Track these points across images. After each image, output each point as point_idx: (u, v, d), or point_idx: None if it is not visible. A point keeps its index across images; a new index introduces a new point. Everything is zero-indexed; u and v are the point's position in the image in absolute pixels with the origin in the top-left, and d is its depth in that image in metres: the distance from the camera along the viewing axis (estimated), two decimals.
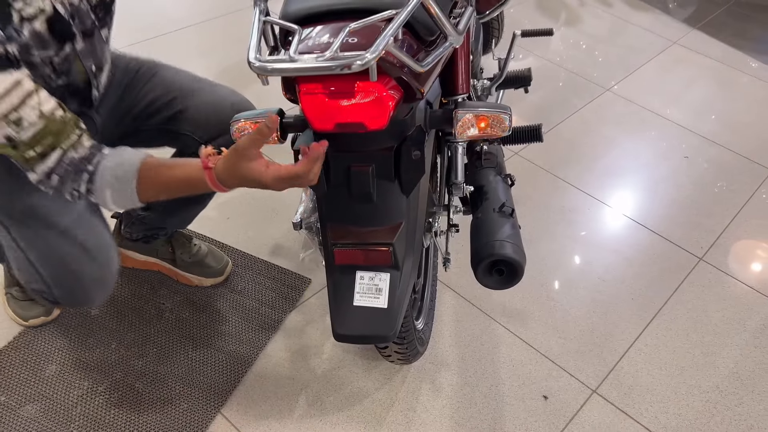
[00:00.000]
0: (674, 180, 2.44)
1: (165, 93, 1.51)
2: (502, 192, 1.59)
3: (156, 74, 1.53)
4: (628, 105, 2.82)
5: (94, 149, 1.12)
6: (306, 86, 0.99)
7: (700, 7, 3.64)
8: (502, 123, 1.15)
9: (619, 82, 2.95)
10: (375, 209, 1.15)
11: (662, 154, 2.57)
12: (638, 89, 2.92)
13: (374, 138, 1.10)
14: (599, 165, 2.48)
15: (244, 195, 2.19)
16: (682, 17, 3.52)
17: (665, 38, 3.34)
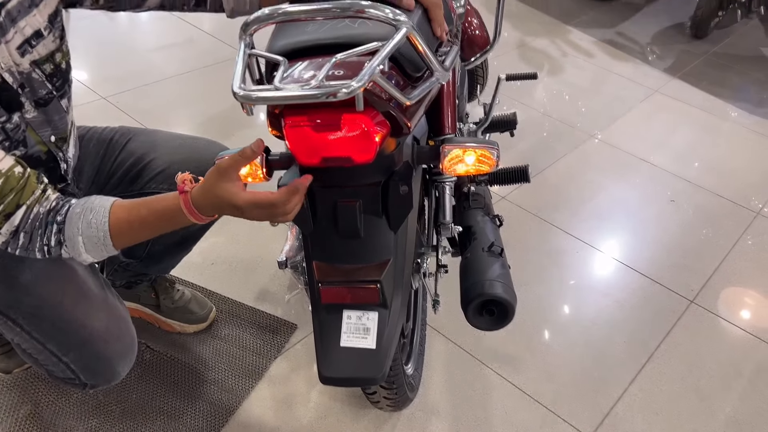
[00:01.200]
0: (661, 223, 2.43)
1: (143, 155, 1.49)
2: (491, 232, 1.58)
3: (131, 139, 1.51)
4: (613, 151, 2.85)
5: (60, 200, 1.07)
6: (291, 119, 0.98)
7: (678, 58, 3.72)
8: (489, 158, 1.14)
9: (603, 130, 2.98)
10: (362, 246, 1.13)
11: (648, 198, 2.58)
12: (622, 136, 2.95)
13: (361, 172, 1.08)
14: (586, 209, 2.48)
15: (230, 240, 2.16)
16: (661, 67, 3.60)
17: (647, 87, 3.40)
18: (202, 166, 1.48)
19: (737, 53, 3.84)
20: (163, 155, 1.48)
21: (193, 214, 1.04)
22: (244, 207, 0.99)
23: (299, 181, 1.01)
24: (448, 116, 1.42)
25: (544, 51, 3.67)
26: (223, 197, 1.00)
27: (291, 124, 0.98)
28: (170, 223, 1.07)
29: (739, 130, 3.11)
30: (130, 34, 3.49)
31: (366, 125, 0.98)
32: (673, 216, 2.48)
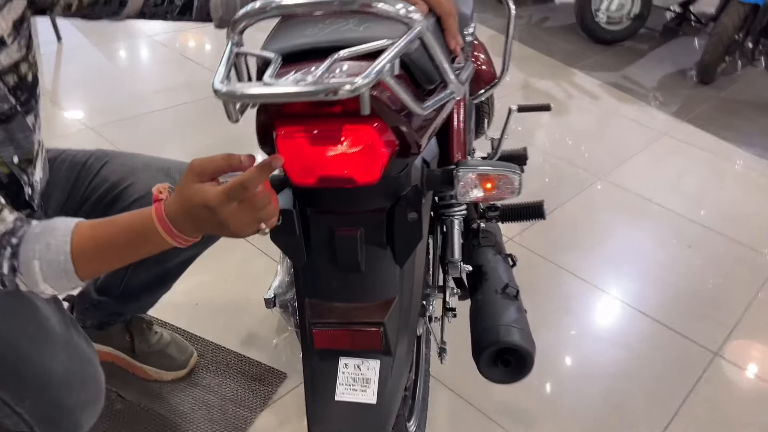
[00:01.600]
0: (677, 269, 2.29)
1: (120, 180, 1.34)
2: (504, 272, 1.43)
3: (108, 162, 1.37)
4: (624, 193, 2.72)
5: (19, 221, 0.92)
6: (284, 129, 0.84)
7: (685, 102, 3.64)
8: (511, 183, 1.00)
9: (611, 171, 2.86)
10: (363, 282, 0.98)
11: (662, 242, 2.44)
12: (632, 178, 2.82)
13: (364, 196, 0.94)
14: (598, 252, 2.33)
15: (216, 279, 2.00)
16: (669, 111, 3.50)
17: (655, 130, 3.29)
18: None
19: (744, 99, 3.76)
20: (143, 180, 1.34)
21: (167, 229, 0.87)
22: (216, 202, 0.82)
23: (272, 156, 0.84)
24: (459, 142, 1.29)
25: (548, 92, 3.58)
26: (193, 198, 0.84)
27: (283, 135, 0.84)
28: (142, 242, 0.91)
29: (751, 175, 3.00)
30: (127, 66, 3.39)
31: (371, 139, 0.84)
32: (689, 262, 2.34)
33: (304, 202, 0.96)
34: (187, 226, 0.87)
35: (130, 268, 1.45)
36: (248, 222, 0.85)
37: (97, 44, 3.56)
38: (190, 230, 0.87)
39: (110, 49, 3.54)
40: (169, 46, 3.59)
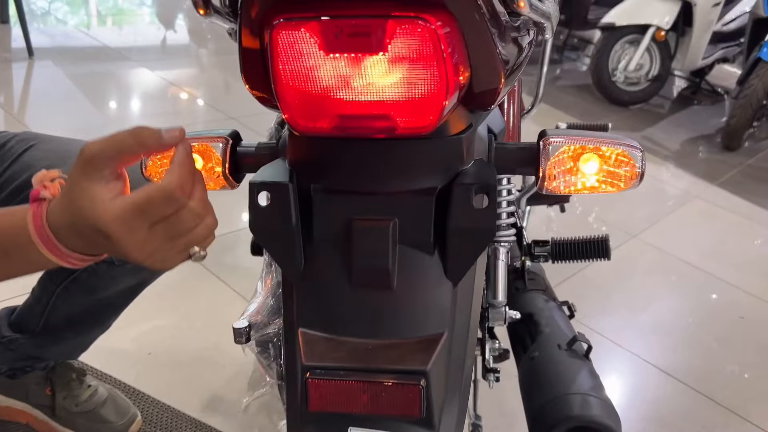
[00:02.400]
0: (733, 343, 1.92)
1: (47, 168, 0.98)
2: (564, 323, 1.06)
3: (34, 146, 1.02)
4: (661, 254, 2.37)
5: None
6: (285, 16, 0.49)
7: (712, 167, 3.36)
8: (630, 163, 0.64)
9: (644, 231, 2.53)
10: (394, 305, 0.61)
11: (710, 311, 2.09)
12: (668, 239, 2.49)
13: (404, 161, 0.58)
14: (641, 320, 1.97)
15: (177, 324, 1.60)
16: (697, 174, 3.22)
17: (684, 192, 3.00)
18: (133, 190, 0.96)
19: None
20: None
21: (48, 243, 0.54)
22: (113, 228, 0.51)
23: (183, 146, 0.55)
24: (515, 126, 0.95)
25: None
26: (82, 207, 0.51)
27: (282, 25, 0.49)
28: (11, 255, 0.56)
29: None
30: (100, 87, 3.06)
31: (436, 45, 0.49)
32: (745, 335, 1.98)
33: (305, 174, 0.61)
34: (77, 243, 0.54)
35: (53, 298, 1.07)
36: (170, 253, 0.55)
37: (72, 62, 3.26)
38: (82, 248, 0.55)
39: (84, 68, 3.23)
40: (157, 69, 3.28)
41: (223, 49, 4.05)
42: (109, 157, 0.52)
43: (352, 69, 0.51)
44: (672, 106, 4.37)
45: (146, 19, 4.37)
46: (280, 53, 0.50)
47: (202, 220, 0.55)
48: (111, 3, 4.50)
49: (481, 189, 0.59)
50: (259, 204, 0.59)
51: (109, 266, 0.99)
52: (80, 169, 0.51)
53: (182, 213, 0.53)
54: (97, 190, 0.51)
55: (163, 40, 3.98)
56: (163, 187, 0.51)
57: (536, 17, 0.59)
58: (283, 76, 0.51)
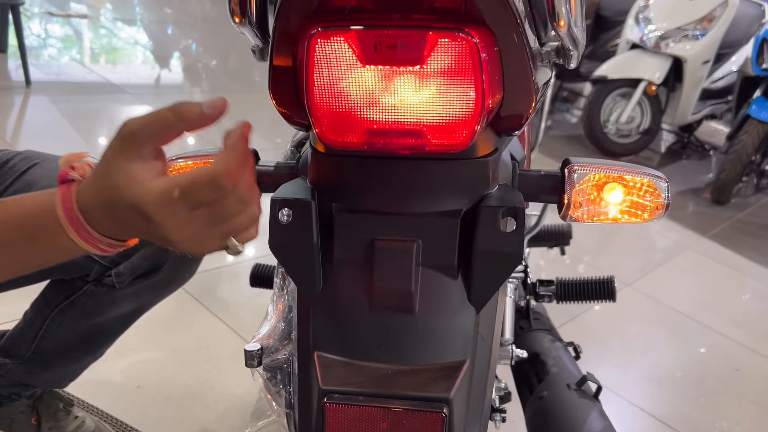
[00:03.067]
0: (729, 395, 1.90)
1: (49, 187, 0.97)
2: (571, 363, 1.04)
3: (37, 165, 1.00)
4: (656, 305, 2.36)
5: None
6: (323, 24, 0.49)
7: (703, 220, 3.39)
8: (655, 193, 0.64)
9: (638, 280, 2.52)
10: (415, 330, 0.59)
11: (706, 362, 2.07)
12: (662, 289, 2.48)
13: (432, 182, 0.57)
14: (638, 368, 1.95)
15: (168, 357, 1.56)
16: (688, 226, 3.23)
17: (676, 243, 3.01)
18: None
19: (763, 223, 3.53)
20: None
21: (77, 225, 0.52)
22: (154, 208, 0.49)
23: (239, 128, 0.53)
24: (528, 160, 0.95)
25: None
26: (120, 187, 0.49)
27: (320, 34, 0.48)
28: (39, 240, 0.54)
29: None
30: (97, 121, 3.05)
31: (475, 63, 0.49)
32: (742, 388, 1.95)
33: (328, 193, 0.59)
34: (109, 226, 0.52)
35: (47, 322, 1.03)
36: (208, 238, 0.53)
37: (69, 93, 3.25)
38: (114, 231, 0.53)
39: (82, 101, 3.22)
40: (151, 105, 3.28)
41: (218, 87, 4.08)
42: (150, 134, 0.50)
43: (388, 83, 0.50)
44: (661, 160, 4.43)
45: (141, 57, 4.39)
46: (316, 64, 0.49)
47: (246, 208, 0.53)
48: (106, 40, 4.54)
49: (508, 212, 0.58)
50: (280, 221, 0.58)
51: (108, 290, 0.96)
52: (118, 147, 0.50)
53: (227, 199, 0.51)
54: (137, 168, 0.49)
55: (158, 78, 4.00)
56: (211, 173, 0.49)
57: (568, 42, 0.59)
58: (317, 88, 0.51)
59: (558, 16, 0.52)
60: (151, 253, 0.95)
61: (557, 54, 0.68)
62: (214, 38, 5.21)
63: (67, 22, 4.57)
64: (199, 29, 5.47)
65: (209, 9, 6.11)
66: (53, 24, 4.46)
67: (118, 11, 5.23)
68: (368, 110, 0.51)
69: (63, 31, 4.44)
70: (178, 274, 1.02)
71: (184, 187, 0.48)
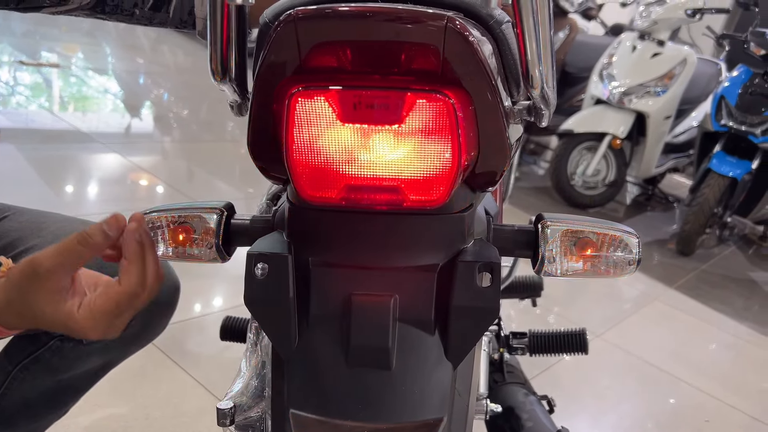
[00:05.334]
0: None
1: (20, 239, 0.96)
2: (545, 418, 1.04)
3: (8, 217, 1.01)
4: (625, 355, 2.38)
5: None
6: (305, 84, 0.49)
7: (669, 271, 3.44)
8: (627, 249, 0.65)
9: (608, 331, 2.54)
10: (393, 388, 0.58)
11: (677, 413, 2.09)
12: (632, 341, 2.50)
13: (408, 236, 0.58)
14: (610, 422, 1.94)
15: (134, 413, 1.51)
16: (654, 277, 3.28)
17: (644, 294, 3.05)
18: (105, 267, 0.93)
19: (726, 273, 3.60)
20: (49, 244, 0.93)
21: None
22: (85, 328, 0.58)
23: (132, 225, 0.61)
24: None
25: None
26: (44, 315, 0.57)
27: (302, 93, 0.49)
28: None
29: (754, 350, 2.72)
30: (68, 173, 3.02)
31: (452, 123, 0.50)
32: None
33: (304, 247, 0.59)
34: (15, 323, 0.59)
35: (9, 379, 1.00)
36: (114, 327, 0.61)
37: (38, 141, 3.22)
38: (18, 326, 0.60)
39: (50, 149, 3.19)
40: (121, 154, 3.26)
41: (189, 137, 4.08)
42: (64, 269, 0.56)
43: (367, 140, 0.51)
44: (627, 211, 4.52)
45: (111, 105, 4.39)
46: (296, 121, 0.50)
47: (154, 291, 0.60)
48: (76, 89, 4.53)
49: (484, 267, 0.58)
50: (256, 275, 0.58)
51: (74, 345, 0.94)
52: (31, 283, 0.55)
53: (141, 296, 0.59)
54: (60, 302, 0.56)
55: (128, 126, 3.99)
56: (126, 291, 0.58)
57: (540, 102, 0.61)
58: (296, 145, 0.51)
59: (532, 80, 0.54)
60: None
61: (529, 112, 0.70)
62: (186, 89, 5.23)
63: (38, 71, 4.56)
64: (172, 79, 5.49)
65: (182, 60, 6.16)
66: (23, 72, 4.44)
67: (90, 60, 5.24)
68: (347, 166, 0.52)
69: (33, 79, 4.41)
70: (148, 328, 1.00)
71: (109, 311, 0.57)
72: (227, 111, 0.70)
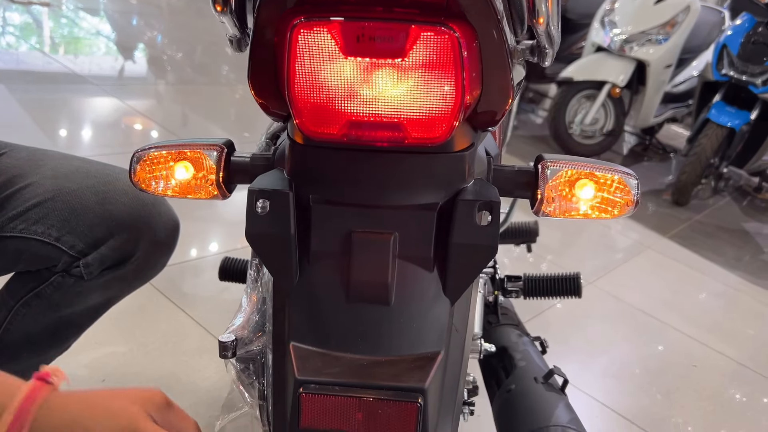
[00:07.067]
0: (687, 390, 1.95)
1: (18, 176, 0.96)
2: (538, 358, 1.07)
3: (5, 154, 0.99)
4: (618, 303, 2.41)
5: None
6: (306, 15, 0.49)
7: (663, 220, 3.46)
8: (625, 190, 0.65)
9: (600, 278, 2.57)
10: (391, 320, 0.59)
11: (664, 358, 2.12)
12: (623, 288, 2.54)
13: (409, 175, 0.58)
14: (599, 364, 1.98)
15: (134, 351, 1.53)
16: (648, 226, 3.30)
17: (637, 242, 3.07)
18: (107, 204, 0.93)
19: (720, 224, 3.63)
20: (48, 180, 0.94)
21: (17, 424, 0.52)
22: None
23: None
24: None
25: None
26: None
27: (303, 25, 0.49)
28: None
29: (744, 299, 2.77)
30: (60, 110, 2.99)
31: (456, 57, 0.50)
32: (699, 384, 2.01)
33: (305, 185, 0.60)
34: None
35: (11, 314, 1.01)
36: None
37: (29, 82, 3.18)
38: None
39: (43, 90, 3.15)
40: (115, 96, 3.22)
41: (183, 80, 4.02)
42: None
43: (369, 75, 0.50)
44: (623, 162, 4.51)
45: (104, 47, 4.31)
46: (298, 54, 0.50)
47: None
48: (67, 30, 4.44)
49: (484, 206, 0.59)
50: (257, 211, 0.58)
51: (76, 281, 0.95)
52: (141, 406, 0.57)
53: None
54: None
55: (122, 69, 3.93)
56: None
57: (545, 41, 0.60)
58: (298, 79, 0.51)
59: (537, 13, 0.54)
60: (120, 245, 0.94)
61: (532, 52, 0.69)
62: (180, 30, 5.13)
63: (27, 10, 4.46)
64: (165, 21, 5.38)
65: (175, 0, 6.03)
66: (12, 12, 4.34)
67: (81, 0, 5.12)
68: (348, 102, 0.51)
69: (23, 19, 4.32)
70: (147, 266, 1.01)
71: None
72: (222, 54, 0.69)
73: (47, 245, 0.91)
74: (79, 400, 0.55)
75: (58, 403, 0.53)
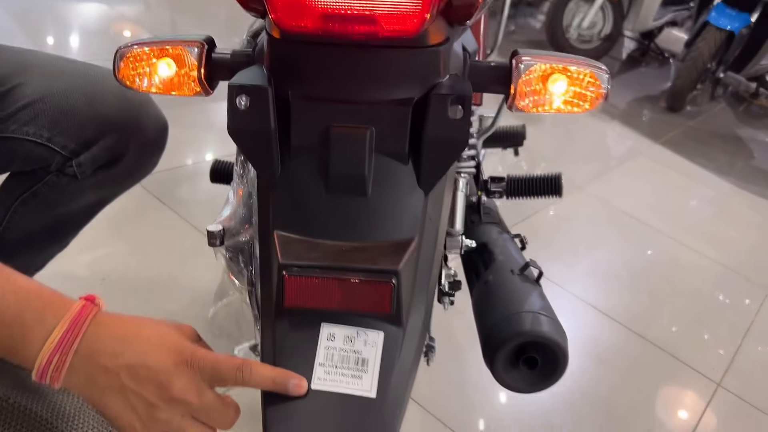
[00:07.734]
0: (668, 292, 2.03)
1: (6, 77, 0.96)
2: (517, 253, 1.11)
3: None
4: (605, 207, 2.47)
5: None
6: None
7: (656, 126, 3.47)
8: (596, 84, 0.67)
9: (590, 183, 2.61)
10: (368, 211, 0.63)
11: (649, 260, 2.19)
12: (612, 192, 2.58)
13: (384, 69, 0.60)
14: (584, 265, 2.06)
15: (132, 250, 1.59)
16: (641, 132, 3.32)
17: (629, 148, 3.10)
18: (96, 105, 0.95)
19: (713, 130, 3.64)
20: (37, 81, 0.95)
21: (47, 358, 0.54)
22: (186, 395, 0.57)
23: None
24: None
25: None
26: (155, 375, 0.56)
27: None
28: None
29: (733, 205, 2.82)
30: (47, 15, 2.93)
31: None
32: (680, 284, 2.09)
33: (284, 80, 0.62)
34: (80, 379, 0.56)
35: (10, 213, 1.05)
36: None
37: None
38: (76, 383, 0.56)
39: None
40: (103, 2, 3.15)
41: None
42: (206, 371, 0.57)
43: None
44: (621, 67, 4.47)
45: None
46: None
47: None
48: None
49: (457, 100, 0.61)
50: (238, 107, 0.60)
51: (70, 180, 0.98)
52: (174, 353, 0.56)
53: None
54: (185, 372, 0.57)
55: None
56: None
57: None
58: None
59: None
60: (111, 145, 0.97)
61: None
62: None
63: None
64: None
65: None
66: None
67: None
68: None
69: None
70: (139, 165, 1.04)
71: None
72: None
73: (39, 146, 0.94)
74: (127, 320, 0.58)
75: (107, 321, 0.57)
